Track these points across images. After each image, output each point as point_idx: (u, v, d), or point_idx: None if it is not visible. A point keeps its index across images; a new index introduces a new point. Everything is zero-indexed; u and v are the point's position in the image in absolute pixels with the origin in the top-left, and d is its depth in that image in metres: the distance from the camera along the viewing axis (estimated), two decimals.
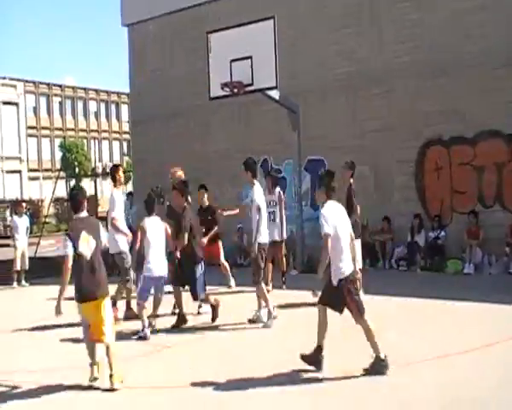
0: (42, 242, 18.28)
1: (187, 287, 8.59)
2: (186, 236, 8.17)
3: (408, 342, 7.05)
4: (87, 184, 48.44)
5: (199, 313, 9.03)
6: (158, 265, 8.06)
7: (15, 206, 17.39)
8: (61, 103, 60.83)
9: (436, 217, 12.91)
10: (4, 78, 50.97)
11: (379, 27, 13.65)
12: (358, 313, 5.94)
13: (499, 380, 5.60)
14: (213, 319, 8.39)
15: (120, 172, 9.43)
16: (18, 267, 13.84)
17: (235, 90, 12.04)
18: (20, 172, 49.39)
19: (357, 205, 9.54)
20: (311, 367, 6.01)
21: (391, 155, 13.40)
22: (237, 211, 10.25)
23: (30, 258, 14.49)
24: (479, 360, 6.26)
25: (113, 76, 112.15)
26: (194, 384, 5.89)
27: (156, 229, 8.14)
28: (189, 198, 9.12)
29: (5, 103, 48.02)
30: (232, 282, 10.84)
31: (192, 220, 8.54)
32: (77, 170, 51.82)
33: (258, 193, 8.43)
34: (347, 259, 6.04)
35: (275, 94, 12.34)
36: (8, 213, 30.88)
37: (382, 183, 13.60)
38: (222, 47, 12.06)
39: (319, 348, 6.04)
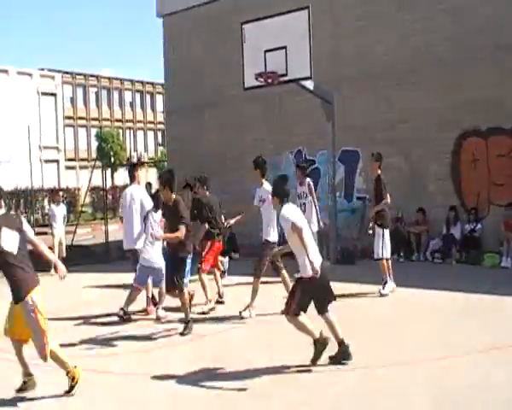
0: (78, 230, 18.57)
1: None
2: (183, 228, 7.47)
3: (427, 337, 6.99)
4: (122, 174, 49.16)
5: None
6: (152, 255, 8.30)
7: (53, 195, 17.71)
8: (97, 94, 61.62)
9: (473, 209, 12.70)
10: (43, 69, 51.89)
11: (412, 16, 13.43)
12: (292, 312, 5.95)
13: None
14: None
15: (139, 171, 9.57)
16: (55, 255, 14.15)
17: (270, 81, 12.01)
18: (57, 161, 50.27)
19: (387, 195, 9.49)
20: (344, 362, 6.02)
21: (426, 146, 13.21)
22: (244, 215, 9.23)
23: (67, 246, 14.81)
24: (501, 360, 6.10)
25: (148, 66, 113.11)
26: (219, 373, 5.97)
27: (157, 223, 8.39)
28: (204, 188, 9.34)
29: (44, 94, 48.87)
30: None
31: (185, 212, 7.87)
32: (112, 160, 52.49)
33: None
34: (314, 255, 6.00)
35: (309, 84, 12.27)
36: (46, 201, 31.48)
37: (417, 174, 13.42)
38: (256, 37, 12.03)
39: (341, 343, 6.06)
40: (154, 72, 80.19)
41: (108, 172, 51.33)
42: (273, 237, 8.44)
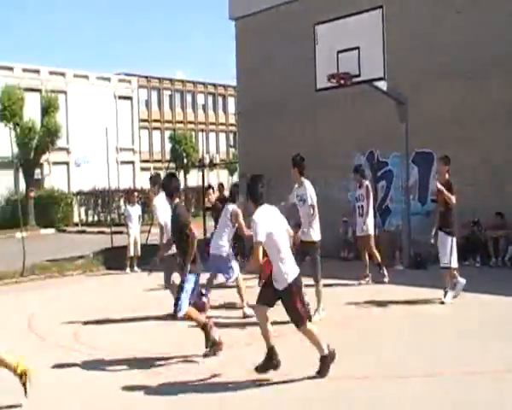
0: (152, 230, 18.98)
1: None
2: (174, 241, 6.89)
3: (480, 347, 6.71)
4: (194, 175, 49.98)
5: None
6: (222, 244, 9.01)
7: (128, 195, 18.25)
8: (170, 97, 63.09)
9: None
10: (120, 74, 53.64)
11: (490, 14, 12.95)
12: (304, 319, 5.77)
13: None
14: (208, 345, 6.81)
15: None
16: (131, 254, 14.61)
17: (342, 82, 11.93)
18: (133, 162, 51.76)
19: (453, 197, 9.06)
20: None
21: (505, 147, 12.71)
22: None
23: (142, 245, 15.21)
24: None
25: (220, 69, 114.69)
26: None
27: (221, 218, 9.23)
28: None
29: (121, 98, 50.51)
30: None
31: (183, 221, 6.93)
32: (185, 161, 53.58)
33: (311, 191, 8.39)
34: (289, 262, 5.79)
35: (382, 85, 12.10)
36: (122, 202, 32.47)
37: (496, 176, 12.92)
38: (329, 38, 12.00)
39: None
40: (226, 74, 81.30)
41: (181, 173, 52.84)
42: (317, 235, 8.39)
